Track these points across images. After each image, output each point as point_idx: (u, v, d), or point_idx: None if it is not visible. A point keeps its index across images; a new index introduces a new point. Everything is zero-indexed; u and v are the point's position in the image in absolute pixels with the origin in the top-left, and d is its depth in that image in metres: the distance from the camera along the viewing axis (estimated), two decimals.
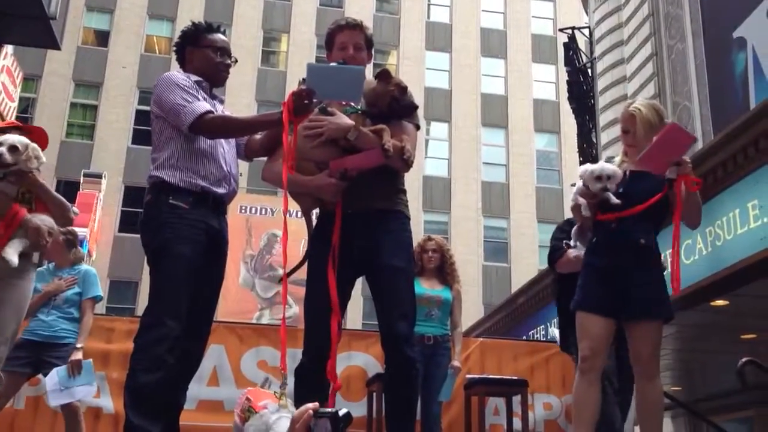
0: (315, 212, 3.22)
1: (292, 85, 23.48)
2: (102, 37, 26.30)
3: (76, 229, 5.23)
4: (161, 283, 3.05)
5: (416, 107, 3.14)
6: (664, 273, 3.56)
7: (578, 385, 3.49)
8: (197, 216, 3.12)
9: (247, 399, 2.16)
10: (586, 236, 3.74)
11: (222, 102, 3.45)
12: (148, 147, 3.40)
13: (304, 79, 2.87)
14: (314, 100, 2.89)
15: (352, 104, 3.09)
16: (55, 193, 3.60)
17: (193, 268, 3.07)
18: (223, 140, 3.30)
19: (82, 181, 22.71)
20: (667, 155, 3.37)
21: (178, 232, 3.06)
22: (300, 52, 26.47)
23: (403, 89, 3.08)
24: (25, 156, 3.39)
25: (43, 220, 3.44)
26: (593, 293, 3.50)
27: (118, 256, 22.94)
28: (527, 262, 24.85)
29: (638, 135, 3.61)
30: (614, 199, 3.51)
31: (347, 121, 3.01)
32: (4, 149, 3.32)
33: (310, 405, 1.54)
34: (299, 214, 3.22)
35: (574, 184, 3.77)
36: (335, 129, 2.99)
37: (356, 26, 3.25)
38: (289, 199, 3.04)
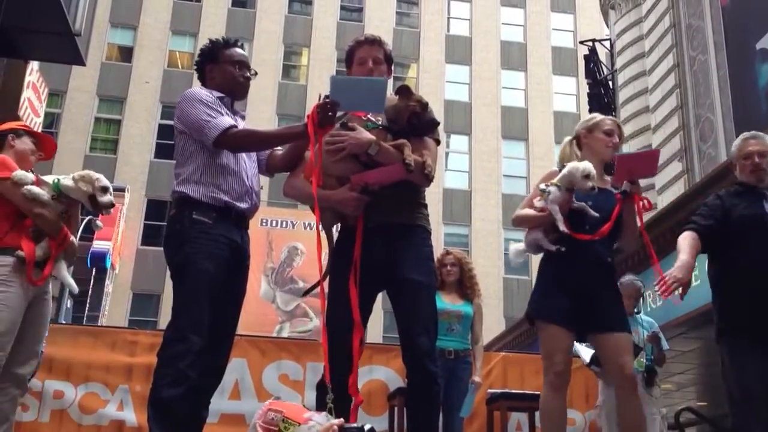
0: (336, 227, 3.23)
1: (312, 99, 23.63)
2: (126, 53, 26.66)
3: (101, 242, 5.33)
4: (184, 298, 3.06)
5: (437, 123, 3.15)
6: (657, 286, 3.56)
7: (550, 400, 3.51)
8: (220, 231, 3.13)
9: (277, 410, 2.11)
10: (539, 246, 3.56)
11: (243, 117, 3.47)
12: (171, 161, 3.45)
13: (327, 96, 2.88)
14: (338, 112, 2.91)
15: (373, 119, 3.11)
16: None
17: (216, 283, 3.08)
18: (244, 155, 3.32)
19: None
20: (634, 171, 3.53)
21: (201, 247, 3.08)
22: (320, 66, 26.63)
23: (424, 105, 3.09)
24: (106, 199, 3.50)
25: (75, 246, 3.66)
26: (560, 305, 3.47)
27: (141, 269, 23.13)
28: None
29: (621, 142, 3.77)
30: (592, 213, 3.46)
31: (368, 135, 3.02)
32: (99, 188, 3.45)
33: (335, 420, 1.55)
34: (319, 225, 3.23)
35: (544, 190, 3.50)
36: (356, 144, 3.00)
37: (375, 42, 3.28)
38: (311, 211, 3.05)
